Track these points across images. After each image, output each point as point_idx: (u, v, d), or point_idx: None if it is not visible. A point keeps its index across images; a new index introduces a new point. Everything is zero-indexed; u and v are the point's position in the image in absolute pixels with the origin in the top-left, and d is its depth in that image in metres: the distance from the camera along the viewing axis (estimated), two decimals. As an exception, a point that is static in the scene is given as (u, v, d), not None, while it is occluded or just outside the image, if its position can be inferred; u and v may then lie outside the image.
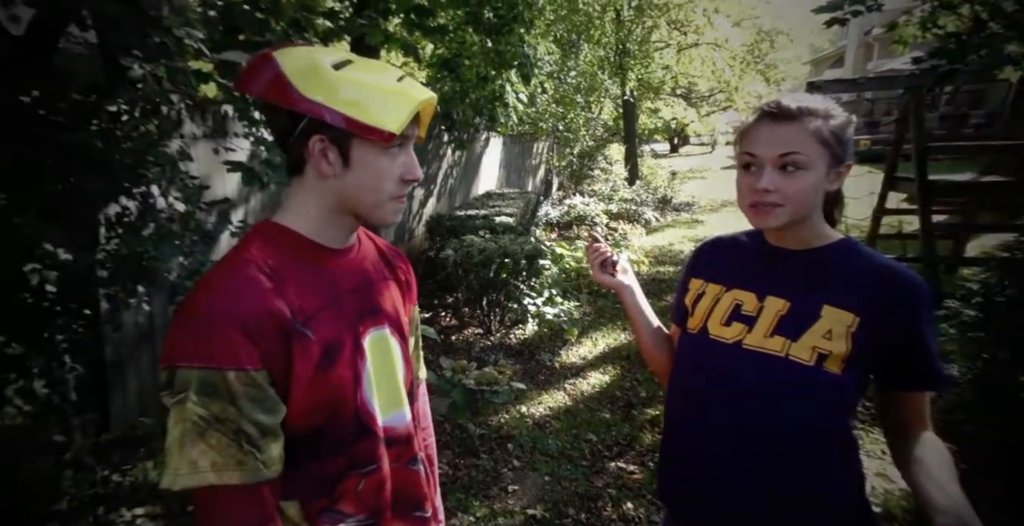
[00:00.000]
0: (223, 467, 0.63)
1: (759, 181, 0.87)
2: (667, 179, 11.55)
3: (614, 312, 4.82)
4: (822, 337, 0.87)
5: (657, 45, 9.91)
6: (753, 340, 0.91)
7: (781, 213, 0.88)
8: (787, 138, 0.86)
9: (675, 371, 1.03)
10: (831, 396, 0.87)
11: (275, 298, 0.67)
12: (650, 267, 6.19)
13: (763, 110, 0.90)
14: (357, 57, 0.74)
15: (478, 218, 5.25)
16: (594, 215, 8.28)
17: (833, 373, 0.86)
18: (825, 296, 0.89)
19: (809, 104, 0.87)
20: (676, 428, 1.01)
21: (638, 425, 2.88)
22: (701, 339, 0.97)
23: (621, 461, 2.56)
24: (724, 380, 0.93)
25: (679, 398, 1.01)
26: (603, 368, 3.70)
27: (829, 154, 0.87)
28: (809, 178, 0.86)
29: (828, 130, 0.86)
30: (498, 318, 4.26)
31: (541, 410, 3.08)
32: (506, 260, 4.07)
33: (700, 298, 1.01)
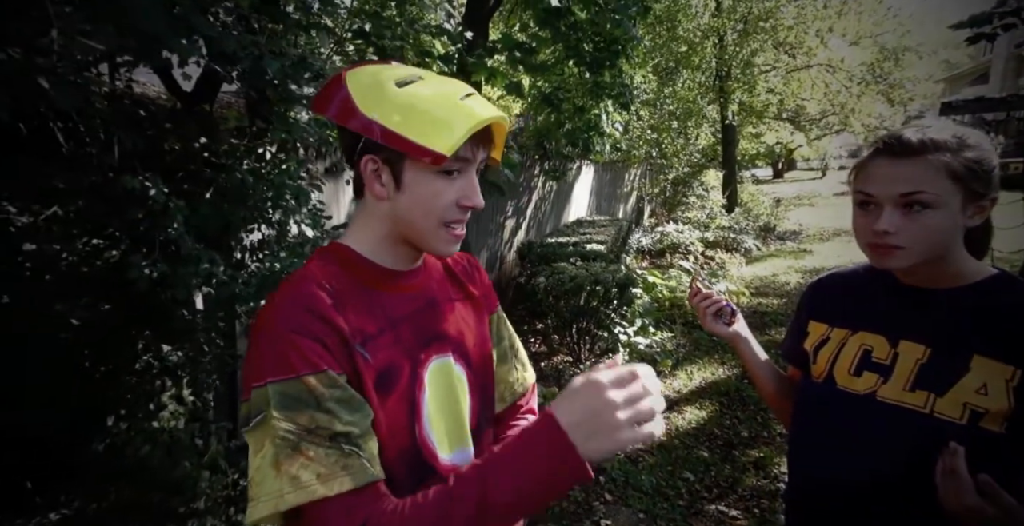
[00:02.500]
0: (330, 477, 0.57)
1: (878, 222, 0.79)
2: (770, 206, 10.92)
3: (711, 345, 4.61)
4: (975, 393, 0.76)
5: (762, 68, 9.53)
6: (890, 393, 0.82)
7: (903, 256, 0.80)
8: (909, 176, 0.78)
9: (798, 423, 0.95)
10: (988, 459, 0.74)
11: (336, 314, 0.64)
12: (751, 299, 5.86)
13: (881, 144, 0.82)
14: (430, 73, 0.70)
15: (569, 245, 5.29)
16: (688, 243, 8.01)
17: (991, 431, 0.76)
18: (975, 344, 0.79)
19: (936, 136, 0.78)
20: (804, 483, 0.93)
21: (740, 467, 2.71)
22: (827, 389, 0.89)
23: (722, 504, 2.41)
24: (857, 436, 0.84)
25: (805, 453, 0.93)
26: (699, 403, 3.53)
27: (964, 189, 0.78)
28: (937, 218, 0.77)
29: (961, 163, 0.77)
30: (588, 346, 4.22)
31: (633, 444, 2.99)
32: (596, 288, 4.05)
33: (824, 343, 0.92)
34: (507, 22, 5.76)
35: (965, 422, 0.76)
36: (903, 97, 9.78)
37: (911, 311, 0.86)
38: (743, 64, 9.04)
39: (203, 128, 1.83)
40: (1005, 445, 0.76)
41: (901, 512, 0.80)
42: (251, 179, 1.83)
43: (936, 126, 0.81)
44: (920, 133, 0.79)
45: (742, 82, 9.28)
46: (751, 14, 8.52)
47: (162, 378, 1.70)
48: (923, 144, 0.78)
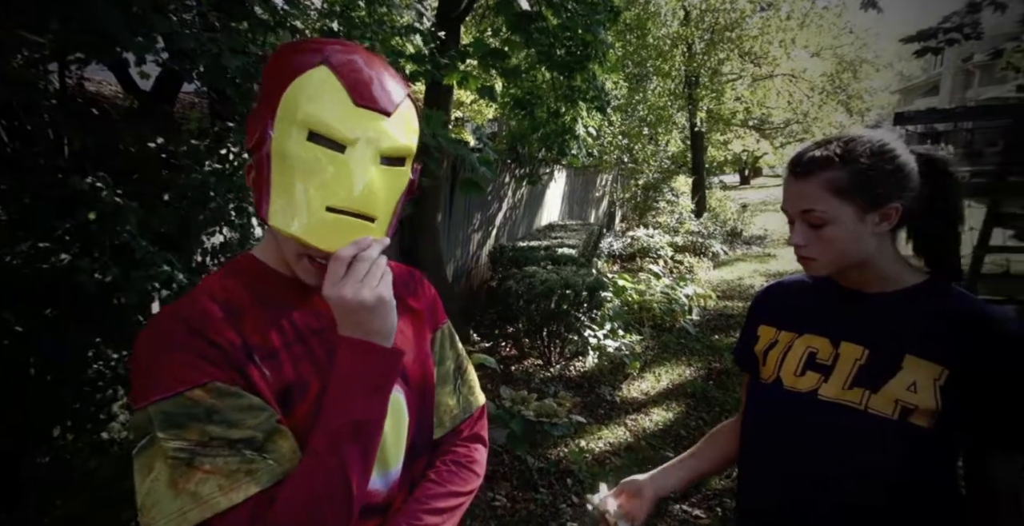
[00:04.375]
0: (233, 486, 0.56)
1: (792, 237, 0.88)
2: (737, 212, 11.20)
3: (679, 347, 4.69)
4: (906, 390, 0.81)
5: (729, 77, 9.80)
6: (830, 391, 0.86)
7: (818, 266, 0.87)
8: (801, 195, 0.85)
9: (748, 423, 1.00)
10: (918, 452, 0.80)
11: (225, 327, 0.62)
12: (717, 302, 5.98)
13: (789, 161, 0.89)
14: (356, 154, 0.64)
15: (540, 249, 5.31)
16: (658, 247, 8.15)
17: (919, 426, 0.80)
18: (907, 345, 0.83)
19: (822, 154, 0.83)
20: (752, 481, 0.97)
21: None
22: (775, 390, 0.93)
23: (686, 504, 2.45)
24: (800, 433, 0.88)
25: (754, 450, 0.97)
26: (666, 405, 3.59)
27: (852, 203, 0.82)
28: (834, 231, 0.83)
29: (847, 177, 0.81)
30: (558, 350, 4.25)
31: (601, 445, 3.02)
32: (567, 291, 4.08)
33: (772, 346, 0.97)
34: (479, 26, 5.78)
35: (896, 417, 0.80)
36: (861, 107, 10.18)
37: (851, 314, 0.90)
38: (711, 72, 9.27)
39: (162, 128, 1.78)
40: (933, 441, 0.80)
41: (842, 504, 0.84)
42: (213, 180, 1.79)
43: (834, 142, 0.85)
44: (812, 152, 0.85)
45: (710, 90, 9.51)
46: (718, 24, 8.77)
47: (113, 387, 1.64)
48: (809, 164, 0.84)
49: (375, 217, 0.65)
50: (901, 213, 0.84)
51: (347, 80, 0.64)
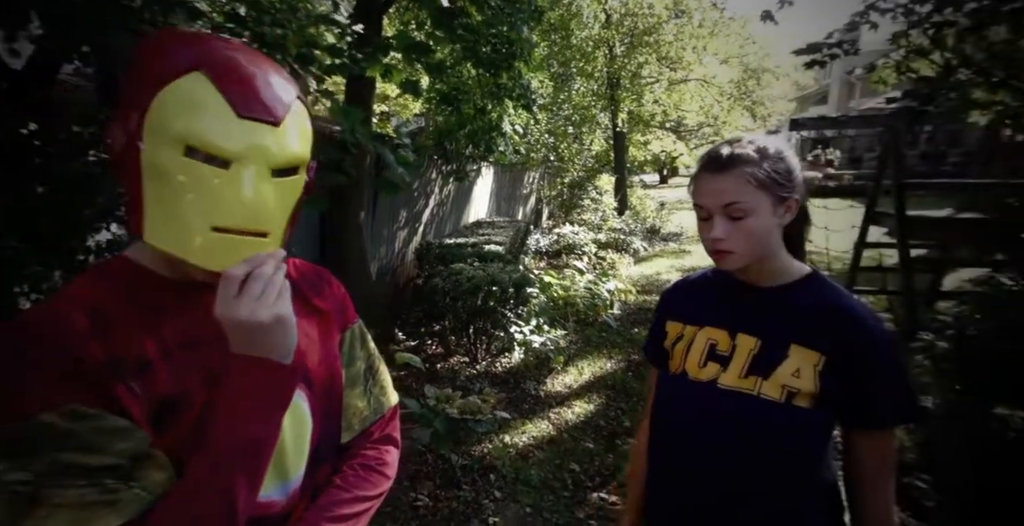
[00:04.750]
0: (87, 520, 0.51)
1: (712, 230, 0.90)
2: (656, 210, 11.74)
3: (600, 340, 4.85)
4: (791, 375, 0.89)
5: (648, 80, 10.26)
6: (728, 380, 0.93)
7: (736, 259, 0.91)
8: (726, 188, 0.89)
9: (657, 413, 1.05)
10: (802, 432, 0.89)
11: (89, 340, 0.56)
12: (637, 296, 6.24)
13: (704, 160, 0.94)
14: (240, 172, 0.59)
15: (467, 246, 5.30)
16: (583, 244, 8.38)
17: (803, 409, 0.88)
18: (793, 334, 0.91)
19: (741, 151, 0.90)
20: (661, 466, 1.03)
21: (621, 455, 2.87)
22: (681, 381, 0.99)
23: (603, 492, 2.55)
24: (703, 421, 0.94)
25: (663, 438, 1.02)
26: (588, 397, 3.70)
27: (770, 194, 0.90)
28: (755, 222, 0.89)
29: (764, 173, 0.89)
30: (484, 346, 4.26)
31: (525, 440, 3.07)
32: (494, 288, 4.10)
33: (679, 340, 1.03)
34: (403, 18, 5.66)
35: (783, 401, 0.88)
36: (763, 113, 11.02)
37: (747, 307, 0.97)
38: (631, 75, 9.67)
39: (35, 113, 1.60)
40: (813, 421, 0.88)
41: (739, 489, 0.90)
42: (99, 171, 1.63)
43: (745, 140, 0.93)
44: (730, 149, 0.91)
45: (631, 92, 9.92)
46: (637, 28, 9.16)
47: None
48: (731, 159, 0.90)
49: (268, 232, 0.62)
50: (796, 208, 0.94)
51: (227, 88, 0.57)
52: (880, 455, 0.90)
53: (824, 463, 0.91)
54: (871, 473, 0.89)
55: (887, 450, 0.90)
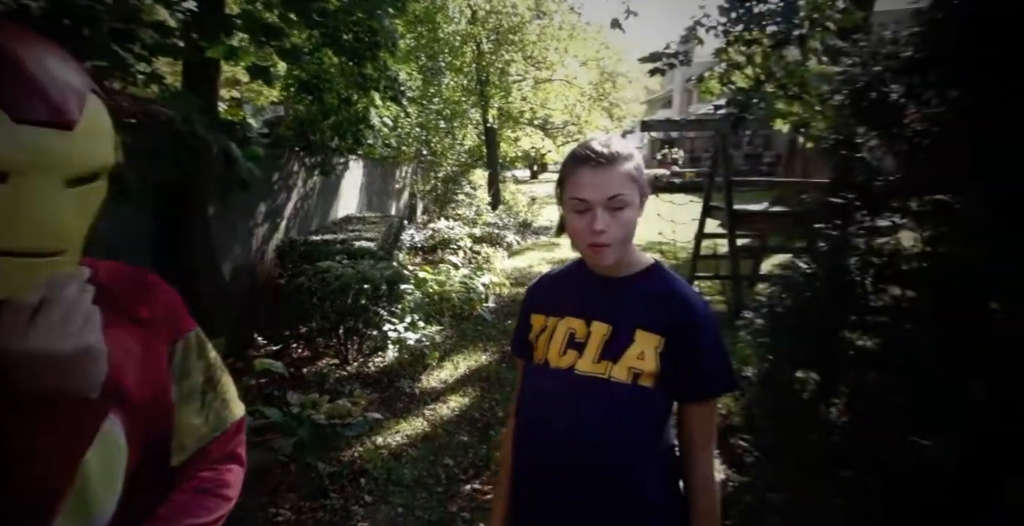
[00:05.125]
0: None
1: (595, 223, 0.95)
2: (528, 204, 12.16)
3: (476, 334, 4.93)
4: (636, 358, 0.98)
5: (516, 78, 10.56)
6: (584, 366, 1.00)
7: (612, 251, 0.98)
8: (610, 181, 0.95)
9: (521, 402, 1.10)
10: (646, 409, 0.98)
11: None
12: (511, 289, 6.43)
13: (582, 156, 0.98)
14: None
15: (336, 243, 5.06)
16: (458, 239, 8.42)
17: (646, 387, 0.97)
18: (638, 320, 1.00)
19: (618, 149, 0.98)
20: (526, 450, 1.07)
21: (494, 445, 2.96)
22: (544, 370, 1.05)
23: (476, 482, 2.60)
24: (562, 406, 1.00)
25: (527, 424, 1.07)
26: (463, 391, 3.75)
27: (638, 190, 0.99)
28: (631, 214, 0.98)
29: (634, 169, 0.98)
30: (356, 346, 4.12)
31: (398, 439, 3.03)
32: (365, 286, 3.97)
33: (543, 332, 1.08)
34: (250, -4, 5.19)
35: (630, 382, 0.97)
36: (619, 114, 11.95)
37: (601, 296, 1.05)
38: (499, 72, 9.89)
39: None
40: (655, 398, 0.99)
41: (595, 462, 0.98)
42: None
43: (611, 139, 1.01)
44: (607, 147, 0.98)
45: (500, 89, 10.14)
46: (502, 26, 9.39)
47: None
48: (612, 155, 0.97)
49: (62, 250, 0.53)
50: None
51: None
52: (707, 422, 1.02)
53: (665, 434, 1.02)
54: (700, 438, 1.01)
55: (712, 418, 1.03)
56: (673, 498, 1.02)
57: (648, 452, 0.99)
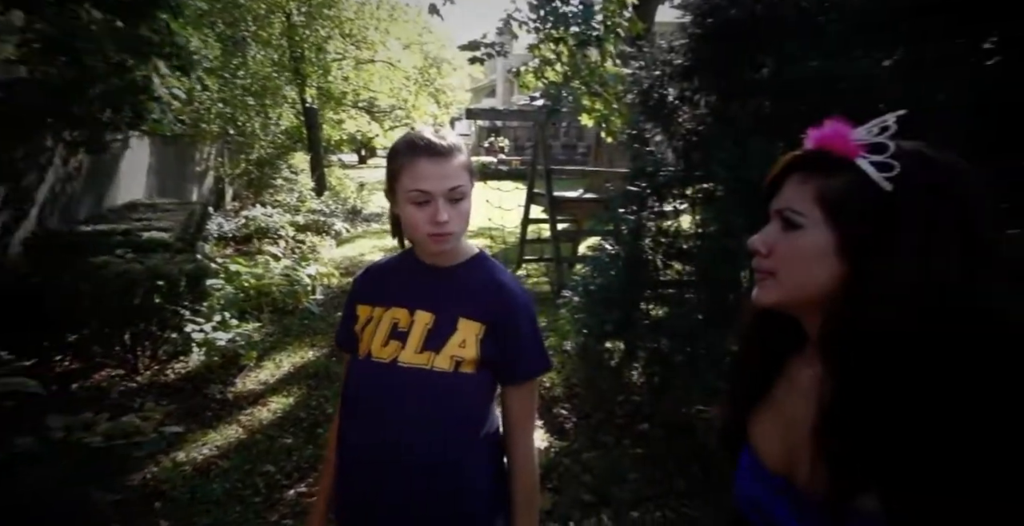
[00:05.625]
0: None
1: (439, 215, 0.94)
2: (356, 190, 11.61)
3: (302, 329, 4.60)
4: (458, 346, 0.99)
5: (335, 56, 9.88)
6: (406, 357, 0.99)
7: (453, 240, 0.98)
8: (450, 173, 0.95)
9: (345, 396, 1.06)
10: (468, 395, 1.00)
11: None
12: (340, 279, 6.11)
13: (420, 147, 0.95)
14: None
15: (116, 234, 4.27)
16: (279, 227, 7.73)
17: (468, 374, 0.99)
18: (461, 309, 1.01)
19: (453, 140, 0.98)
20: (350, 446, 1.03)
21: (324, 443, 2.80)
22: (366, 362, 1.01)
23: (303, 486, 2.44)
24: (385, 398, 0.98)
25: (351, 419, 1.03)
26: (287, 390, 3.48)
27: (472, 181, 1.00)
28: (467, 205, 0.99)
29: (467, 160, 1.00)
30: (148, 353, 3.55)
31: (206, 452, 2.69)
32: (159, 283, 3.43)
33: (368, 323, 1.04)
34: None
35: (452, 370, 0.98)
36: (446, 101, 11.96)
37: (426, 285, 1.05)
38: (315, 49, 9.16)
39: None
40: (477, 384, 1.01)
41: (419, 455, 0.97)
42: None
43: (443, 132, 1.01)
44: (442, 139, 0.97)
45: (317, 67, 9.41)
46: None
47: None
48: (450, 147, 0.96)
49: None
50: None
51: None
52: (527, 402, 1.07)
53: (489, 417, 1.05)
54: (521, 418, 1.06)
55: (532, 398, 1.08)
56: (496, 479, 1.05)
57: (471, 437, 1.01)
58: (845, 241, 0.60)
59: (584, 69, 3.25)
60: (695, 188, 2.57)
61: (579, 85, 3.45)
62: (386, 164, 1.00)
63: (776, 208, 0.66)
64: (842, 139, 0.62)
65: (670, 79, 2.35)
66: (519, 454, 1.05)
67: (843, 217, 0.60)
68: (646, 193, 2.70)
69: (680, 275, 2.73)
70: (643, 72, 2.38)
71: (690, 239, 2.65)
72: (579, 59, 3.19)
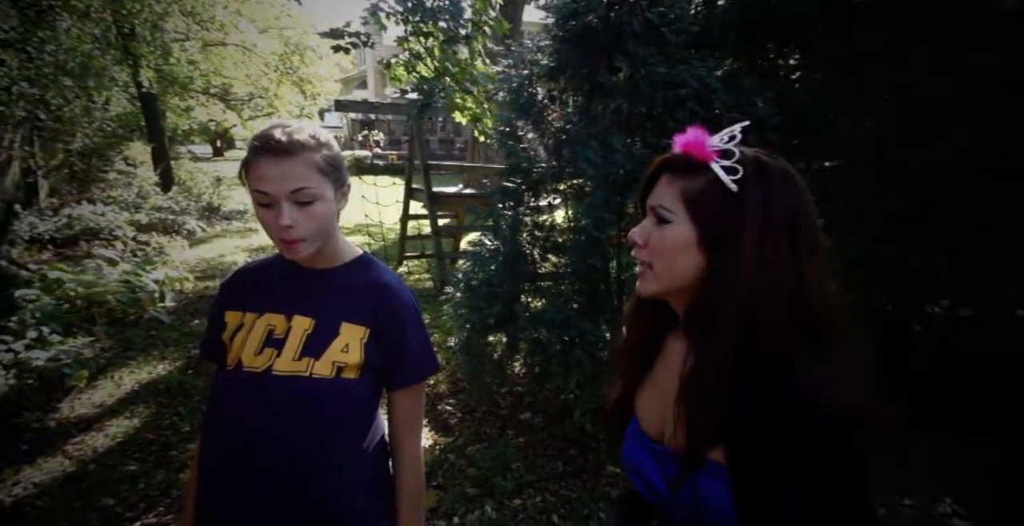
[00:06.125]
0: None
1: (281, 218, 0.86)
2: (212, 185, 10.48)
3: (148, 341, 4.07)
4: (340, 351, 0.93)
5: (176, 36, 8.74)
6: (282, 365, 0.91)
7: (306, 247, 0.91)
8: (293, 173, 0.87)
9: (209, 410, 0.96)
10: (350, 401, 0.94)
11: None
12: (196, 284, 5.50)
13: (259, 145, 0.87)
14: None
15: None
16: (115, 227, 6.73)
17: (350, 379, 0.93)
18: (343, 313, 0.96)
19: (300, 137, 0.89)
20: (214, 468, 0.93)
21: (178, 466, 2.50)
22: (235, 373, 0.92)
23: (151, 516, 2.16)
24: (256, 409, 0.90)
25: (216, 436, 0.93)
26: (130, 411, 3.05)
27: (331, 181, 0.92)
28: (322, 208, 0.90)
29: (323, 159, 0.91)
30: (-64, 382, 2.90)
31: (17, 492, 2.26)
32: (-57, 297, 2.81)
33: (239, 330, 0.95)
34: None
35: (332, 376, 0.92)
36: (313, 91, 11.20)
37: (305, 289, 0.98)
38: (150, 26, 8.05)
39: None
40: (360, 389, 0.96)
41: (294, 472, 0.90)
42: None
43: (295, 127, 0.91)
44: (287, 134, 0.87)
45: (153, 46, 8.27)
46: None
47: None
48: (292, 144, 0.87)
49: None
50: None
51: None
52: (414, 405, 1.04)
53: (374, 422, 1.01)
54: (408, 421, 1.03)
55: (419, 400, 1.05)
56: (380, 484, 1.01)
57: (354, 444, 0.96)
58: (703, 236, 0.68)
59: (455, 66, 3.24)
60: (567, 184, 2.69)
61: (451, 83, 3.44)
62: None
63: (651, 205, 0.73)
64: (699, 145, 0.70)
65: (538, 78, 2.44)
66: (405, 459, 1.02)
67: (702, 215, 0.68)
68: (522, 189, 2.78)
69: (556, 267, 2.85)
70: (512, 70, 2.44)
71: (564, 233, 2.77)
72: (449, 55, 3.17)
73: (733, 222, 0.66)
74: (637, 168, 2.13)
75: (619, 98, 2.19)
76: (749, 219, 0.65)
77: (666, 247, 0.70)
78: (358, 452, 0.96)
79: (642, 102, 2.18)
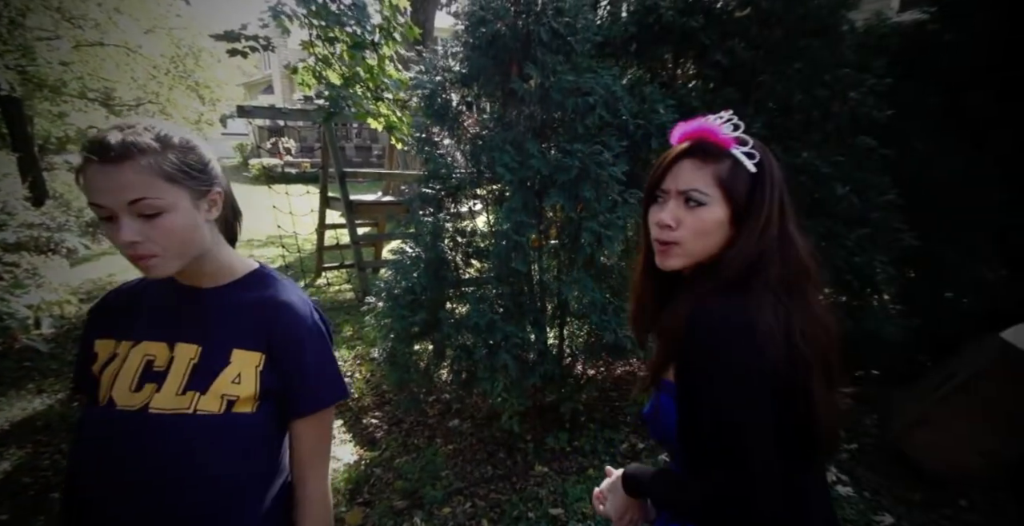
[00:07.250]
0: None
1: (121, 234, 0.75)
2: (95, 198, 9.50)
3: (21, 373, 3.63)
4: (231, 383, 0.83)
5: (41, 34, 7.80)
6: (162, 402, 0.80)
7: (162, 262, 0.79)
8: (128, 182, 0.74)
9: (75, 453, 0.82)
10: (244, 438, 0.83)
11: None
12: (80, 307, 4.96)
13: (88, 150, 0.75)
14: None
15: None
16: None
17: (243, 413, 0.83)
18: (234, 338, 0.85)
19: (137, 139, 0.76)
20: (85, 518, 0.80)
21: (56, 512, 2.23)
22: (105, 413, 0.80)
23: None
24: (130, 455, 0.78)
25: (79, 490, 0.80)
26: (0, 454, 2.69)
27: (186, 189, 0.80)
28: (175, 220, 0.78)
29: (172, 165, 0.78)
30: None
31: None
32: None
33: (111, 361, 0.83)
34: None
35: (222, 412, 0.81)
36: (212, 96, 10.42)
37: (188, 313, 0.86)
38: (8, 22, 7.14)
39: None
40: (257, 424, 0.85)
41: (183, 505, 0.79)
42: None
43: (140, 127, 0.79)
44: (121, 137, 0.75)
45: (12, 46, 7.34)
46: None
47: None
48: (125, 148, 0.74)
49: None
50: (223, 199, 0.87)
51: None
52: (321, 434, 0.93)
53: (274, 457, 0.90)
54: (314, 452, 0.92)
55: (326, 428, 0.94)
56: (281, 521, 0.91)
57: (249, 486, 0.85)
58: (735, 213, 0.80)
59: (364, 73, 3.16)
60: (486, 189, 2.71)
61: (361, 90, 3.35)
62: None
63: (679, 189, 0.82)
64: (714, 133, 0.81)
65: (452, 85, 2.44)
66: (309, 494, 0.91)
67: (734, 195, 0.80)
68: (441, 195, 2.77)
69: (480, 272, 2.86)
70: (425, 76, 2.43)
71: (486, 238, 2.79)
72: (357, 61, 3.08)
73: (756, 200, 0.80)
74: (553, 172, 2.19)
75: (532, 104, 2.25)
76: (768, 196, 0.80)
77: (705, 228, 0.80)
78: (256, 494, 0.86)
79: (554, 108, 2.25)
